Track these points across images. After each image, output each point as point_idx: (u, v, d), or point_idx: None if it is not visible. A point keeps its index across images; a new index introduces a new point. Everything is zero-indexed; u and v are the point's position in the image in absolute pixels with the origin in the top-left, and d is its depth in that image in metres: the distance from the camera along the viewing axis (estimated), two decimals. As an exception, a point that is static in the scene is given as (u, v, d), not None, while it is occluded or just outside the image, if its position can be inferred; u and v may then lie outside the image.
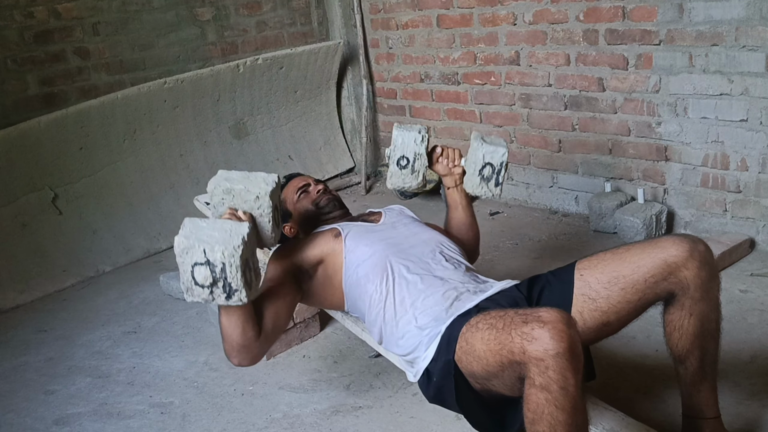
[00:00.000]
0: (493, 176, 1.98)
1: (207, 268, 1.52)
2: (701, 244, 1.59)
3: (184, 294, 1.57)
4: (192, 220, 1.59)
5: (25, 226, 3.30)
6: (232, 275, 1.52)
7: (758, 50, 2.68)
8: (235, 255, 1.52)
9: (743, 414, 1.88)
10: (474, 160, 1.99)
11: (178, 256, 1.54)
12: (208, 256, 1.52)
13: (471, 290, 1.72)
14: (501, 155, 1.97)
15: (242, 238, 1.54)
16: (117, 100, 3.51)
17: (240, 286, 1.54)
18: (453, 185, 2.07)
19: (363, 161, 4.36)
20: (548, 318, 1.30)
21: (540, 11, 3.39)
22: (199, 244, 1.52)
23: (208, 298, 1.55)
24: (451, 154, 2.04)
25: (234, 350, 1.66)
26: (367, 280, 1.78)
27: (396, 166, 2.00)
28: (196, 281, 1.54)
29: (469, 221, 2.11)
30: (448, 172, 2.05)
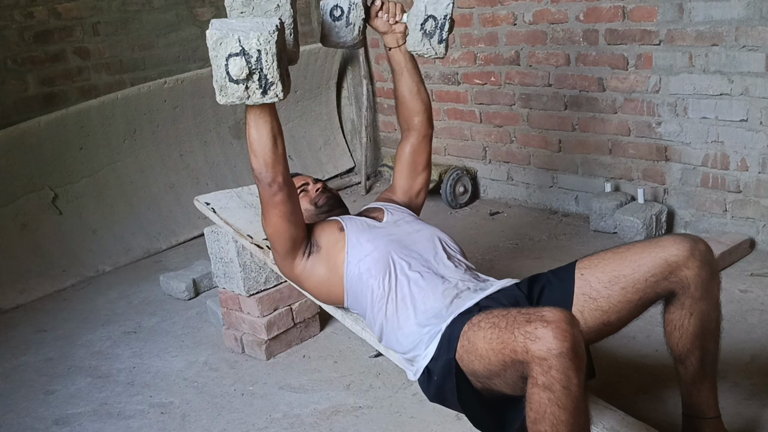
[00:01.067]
0: (436, 31, 1.84)
1: (242, 59, 1.47)
2: (702, 243, 1.59)
3: (216, 96, 1.52)
4: (219, 20, 1.54)
5: (25, 226, 3.30)
6: (268, 65, 1.48)
7: (758, 50, 2.68)
8: (270, 41, 1.47)
9: (743, 414, 1.88)
10: (415, 13, 1.84)
11: (211, 50, 1.49)
12: (243, 44, 1.47)
13: (471, 288, 1.72)
14: (445, 6, 1.83)
15: (275, 25, 1.50)
16: (117, 100, 3.51)
17: (276, 78, 1.50)
18: (395, 44, 1.98)
19: (363, 161, 4.36)
20: (552, 317, 1.30)
21: (540, 11, 3.39)
22: (233, 33, 1.47)
23: (243, 95, 1.51)
24: (391, 8, 1.93)
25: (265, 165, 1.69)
26: (370, 276, 1.78)
27: (329, 16, 1.84)
28: (230, 76, 1.49)
29: (417, 86, 2.02)
30: (389, 29, 1.95)
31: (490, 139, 3.83)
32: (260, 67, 1.48)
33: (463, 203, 3.84)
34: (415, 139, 2.09)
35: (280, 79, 1.51)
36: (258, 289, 2.42)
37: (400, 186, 2.13)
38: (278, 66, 1.49)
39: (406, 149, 2.10)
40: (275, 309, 2.45)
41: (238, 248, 2.35)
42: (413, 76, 2.03)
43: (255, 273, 2.40)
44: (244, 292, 2.40)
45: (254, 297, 2.41)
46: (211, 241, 2.46)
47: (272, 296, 2.44)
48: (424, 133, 2.09)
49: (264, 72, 1.49)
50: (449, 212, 3.78)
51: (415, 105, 2.05)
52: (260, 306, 2.41)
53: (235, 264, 2.37)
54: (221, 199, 2.48)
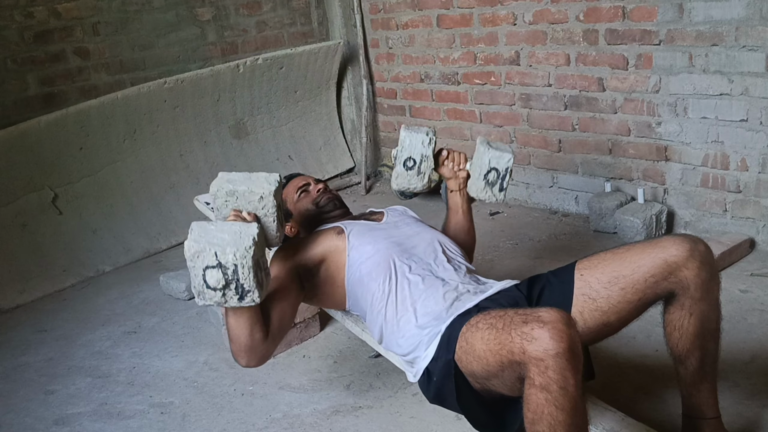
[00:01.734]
0: (497, 181, 1.99)
1: (219, 271, 1.51)
2: (701, 244, 1.59)
3: (195, 298, 1.56)
4: (199, 224, 1.58)
5: (25, 226, 3.30)
6: (244, 276, 1.52)
7: (758, 50, 2.68)
8: (246, 256, 1.51)
9: (743, 414, 1.88)
10: (479, 165, 2.00)
11: (189, 261, 1.53)
12: (219, 259, 1.51)
13: (471, 291, 1.72)
14: (507, 161, 1.98)
15: (253, 238, 1.53)
16: (117, 100, 3.51)
17: (253, 287, 1.53)
18: (456, 189, 2.08)
19: (363, 161, 4.36)
20: (548, 318, 1.30)
21: (540, 11, 3.39)
22: (210, 247, 1.51)
23: (221, 300, 1.55)
24: (456, 157, 2.05)
25: (242, 351, 1.66)
26: (370, 278, 1.78)
27: (402, 167, 2.01)
28: (208, 285, 1.53)
29: (468, 226, 2.12)
30: (453, 176, 2.06)
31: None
32: (236, 278, 1.52)
33: (463, 203, 3.84)
34: None
35: (257, 287, 1.54)
36: (258, 290, 2.41)
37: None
38: (255, 276, 1.53)
39: None
40: (275, 309, 2.45)
41: (237, 248, 2.34)
42: (467, 217, 2.12)
43: (255, 273, 2.40)
44: (244, 293, 2.39)
45: (254, 297, 2.40)
46: (210, 242, 2.45)
47: (272, 296, 2.44)
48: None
49: (240, 282, 1.53)
50: (449, 212, 3.77)
51: (463, 242, 2.10)
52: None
53: (235, 264, 2.36)
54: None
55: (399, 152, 2.01)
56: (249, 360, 1.68)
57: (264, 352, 1.69)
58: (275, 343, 1.72)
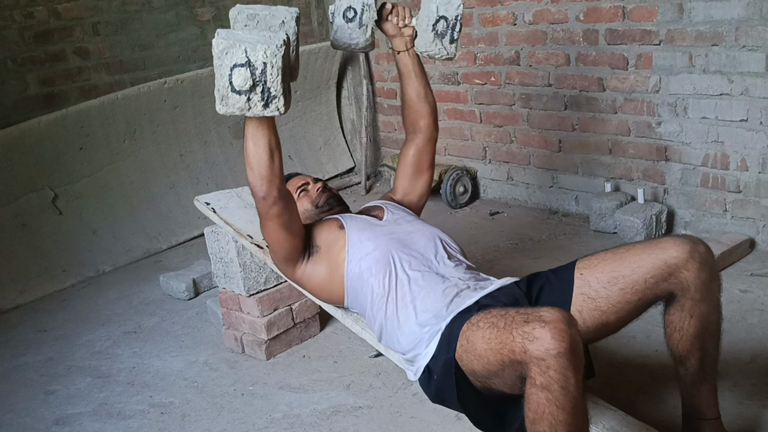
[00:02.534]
0: (447, 31, 1.87)
1: (247, 70, 1.47)
2: (701, 245, 1.59)
3: (216, 105, 1.52)
4: (226, 30, 1.53)
5: (25, 226, 3.30)
6: (272, 78, 1.48)
7: (758, 50, 2.68)
8: (277, 55, 1.47)
9: (743, 414, 1.88)
10: (427, 14, 1.87)
11: (216, 59, 1.49)
12: (249, 56, 1.46)
13: (471, 287, 1.72)
14: (456, 7, 1.87)
15: (283, 40, 1.50)
16: (117, 100, 3.51)
17: (279, 92, 1.49)
18: (403, 48, 1.99)
19: (363, 161, 4.36)
20: (549, 317, 1.30)
21: (540, 11, 3.39)
22: (240, 44, 1.47)
23: (244, 106, 1.50)
24: (401, 11, 1.95)
25: (262, 179, 1.67)
26: (370, 274, 1.78)
27: (342, 18, 1.87)
28: (233, 87, 1.49)
29: (425, 90, 2.04)
30: (398, 33, 1.97)
31: (490, 139, 3.83)
32: (264, 79, 1.48)
33: (463, 203, 3.84)
34: (421, 142, 2.10)
35: (283, 94, 1.50)
36: (258, 289, 2.42)
37: (402, 187, 2.14)
38: (282, 80, 1.49)
39: (410, 151, 2.11)
40: (275, 309, 2.46)
41: (238, 248, 2.35)
42: (421, 80, 2.04)
43: (255, 273, 2.40)
44: (244, 292, 2.40)
45: (254, 297, 2.41)
46: (211, 241, 2.46)
47: (272, 296, 2.44)
48: (429, 136, 2.10)
49: (267, 85, 1.48)
50: (449, 212, 3.78)
51: (422, 108, 2.06)
52: (260, 306, 2.41)
53: (235, 264, 2.37)
54: (221, 199, 2.48)
55: (338, 2, 1.87)
56: (270, 187, 1.69)
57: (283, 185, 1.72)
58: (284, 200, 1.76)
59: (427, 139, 2.09)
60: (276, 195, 1.73)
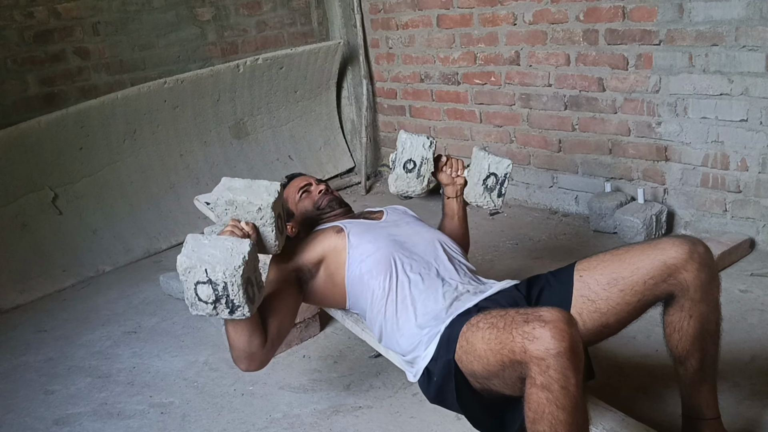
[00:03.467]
0: (496, 187, 2.02)
1: (209, 287, 1.55)
2: (701, 245, 1.59)
3: (189, 308, 1.60)
4: (194, 237, 1.61)
5: (25, 226, 3.30)
6: (234, 293, 1.55)
7: (758, 50, 2.68)
8: (236, 275, 1.54)
9: (743, 414, 1.88)
10: (478, 170, 2.01)
11: (181, 275, 1.57)
12: (210, 276, 1.54)
13: (471, 291, 1.72)
14: (506, 166, 2.01)
15: (243, 257, 1.56)
16: (117, 100, 3.51)
17: (242, 303, 1.57)
18: (453, 195, 2.10)
19: (363, 161, 4.36)
20: (549, 317, 1.30)
21: (540, 11, 3.39)
22: (201, 264, 1.55)
23: (212, 312, 1.59)
24: (455, 164, 2.07)
25: (241, 358, 1.69)
26: (371, 276, 1.79)
27: (402, 169, 2.03)
28: (199, 298, 1.57)
29: (463, 232, 2.14)
30: (451, 182, 2.08)
31: (490, 139, 3.83)
32: (226, 294, 1.55)
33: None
34: None
35: (247, 302, 1.57)
36: (258, 290, 2.41)
37: None
38: (245, 292, 1.56)
39: None
40: (275, 309, 2.45)
41: (238, 248, 2.34)
42: (462, 224, 2.14)
43: (255, 273, 2.40)
44: (244, 293, 2.39)
45: (254, 297, 2.40)
46: (211, 242, 2.45)
47: (272, 296, 2.44)
48: None
49: (231, 298, 1.56)
50: (449, 212, 3.77)
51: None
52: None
53: (235, 264, 2.36)
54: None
55: (399, 154, 2.02)
56: (249, 365, 1.71)
57: (263, 358, 1.72)
58: (274, 348, 1.75)
59: None
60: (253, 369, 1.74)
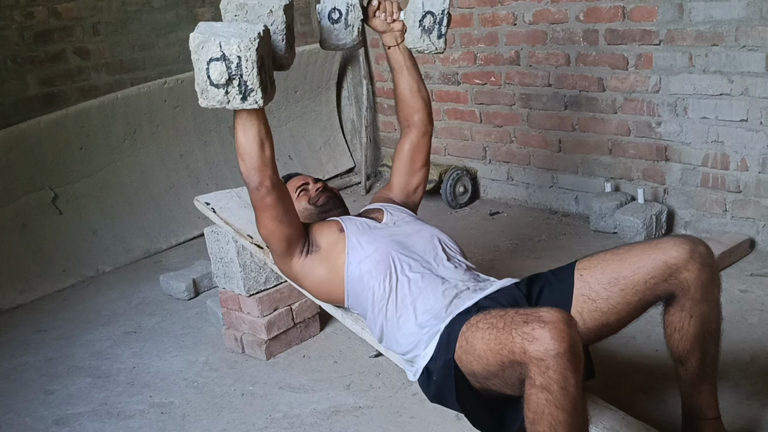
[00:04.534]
0: (435, 26, 1.88)
1: (222, 64, 1.48)
2: (702, 245, 1.59)
3: (198, 98, 1.53)
4: (206, 22, 1.55)
5: (25, 226, 3.30)
6: (247, 71, 1.49)
7: (758, 50, 2.68)
8: (251, 48, 1.47)
9: (743, 414, 1.88)
10: (413, 10, 1.88)
11: (193, 53, 1.50)
12: (223, 50, 1.48)
13: (471, 288, 1.72)
14: (442, 2, 1.87)
15: (258, 32, 1.50)
16: (117, 100, 3.51)
17: (255, 85, 1.50)
18: (393, 43, 2.01)
19: (363, 161, 4.36)
20: (549, 318, 1.30)
21: (540, 11, 3.39)
22: (215, 38, 1.49)
23: (223, 99, 1.52)
24: (388, 7, 1.97)
25: (253, 168, 1.68)
26: (371, 277, 1.79)
27: (327, 20, 1.88)
28: (211, 80, 1.50)
29: (417, 84, 2.06)
30: (387, 28, 1.99)
31: (490, 139, 3.83)
32: (240, 73, 1.49)
33: (463, 203, 3.84)
34: (415, 136, 2.10)
35: (261, 86, 1.51)
36: (258, 289, 2.42)
37: (398, 183, 2.14)
38: (258, 73, 1.50)
39: (405, 146, 2.11)
40: (275, 309, 2.46)
41: (238, 248, 2.35)
42: (413, 74, 2.05)
43: (255, 273, 2.40)
44: (244, 292, 2.40)
45: (254, 297, 2.41)
46: (211, 241, 2.46)
47: (272, 296, 2.44)
48: (423, 131, 2.10)
49: (243, 78, 1.50)
50: (449, 212, 3.78)
51: (415, 102, 2.07)
52: (260, 306, 2.41)
53: (235, 264, 2.37)
54: (221, 199, 2.49)
55: (322, 4, 1.87)
56: (261, 177, 1.69)
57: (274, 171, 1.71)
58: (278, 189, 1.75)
59: (421, 133, 2.09)
60: (269, 185, 1.73)
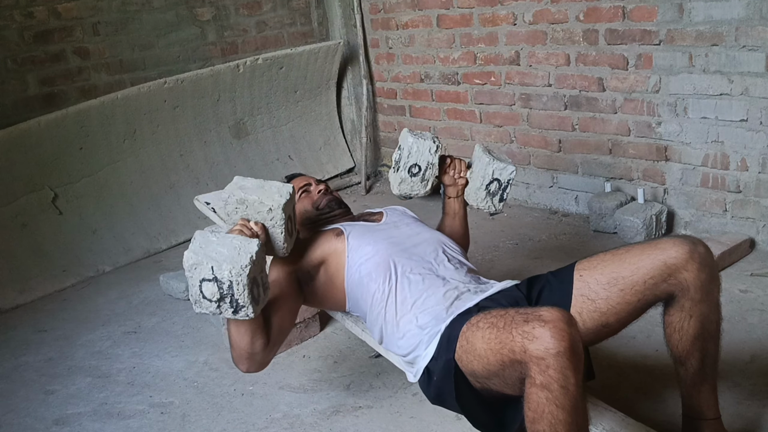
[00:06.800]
0: (498, 192, 2.04)
1: (215, 285, 1.54)
2: (701, 245, 1.59)
3: (192, 305, 1.59)
4: (202, 234, 1.61)
5: (25, 226, 3.30)
6: (239, 293, 1.54)
7: (758, 50, 2.68)
8: (242, 274, 1.53)
9: (743, 414, 1.88)
10: (482, 175, 2.02)
11: (187, 271, 1.56)
12: (215, 274, 1.54)
13: (472, 290, 1.72)
14: (509, 173, 2.02)
15: (250, 257, 1.56)
16: (117, 100, 3.51)
17: (247, 303, 1.56)
18: (455, 195, 2.11)
19: (363, 161, 4.36)
20: (549, 317, 1.30)
21: (540, 11, 3.39)
22: (208, 261, 1.54)
23: (216, 311, 1.58)
24: (458, 165, 2.08)
25: (242, 359, 1.70)
26: (370, 279, 1.78)
27: (407, 173, 2.03)
28: (204, 295, 1.56)
29: (464, 231, 2.15)
30: (453, 183, 2.09)
31: (490, 139, 3.83)
32: (231, 293, 1.55)
33: (463, 203, 3.84)
34: None
35: (252, 302, 1.56)
36: (258, 290, 2.41)
37: None
38: (250, 293, 1.55)
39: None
40: (275, 309, 2.45)
41: (238, 248, 2.35)
42: (463, 223, 2.15)
43: (255, 273, 2.40)
44: (244, 293, 2.39)
45: (254, 297, 2.40)
46: (211, 242, 2.45)
47: (272, 296, 2.44)
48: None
49: (235, 297, 1.55)
50: (449, 212, 3.77)
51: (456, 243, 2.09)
52: (260, 306, 2.41)
53: (235, 264, 2.36)
54: (221, 199, 2.48)
55: (404, 158, 2.02)
56: (249, 366, 1.72)
57: (264, 359, 1.73)
58: (275, 349, 1.75)
59: None
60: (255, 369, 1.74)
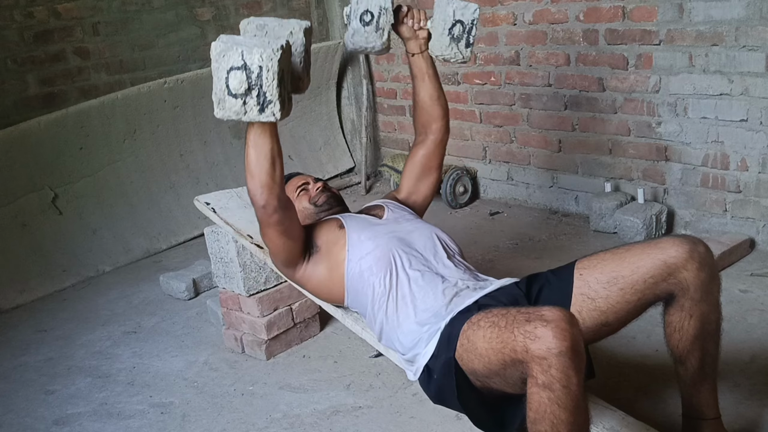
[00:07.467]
0: (463, 36, 1.88)
1: (243, 73, 1.47)
2: (701, 245, 1.59)
3: (214, 109, 1.52)
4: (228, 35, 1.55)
5: (25, 226, 3.30)
6: (267, 82, 1.47)
7: (758, 50, 2.68)
8: (273, 59, 1.46)
9: (743, 414, 1.88)
10: (443, 18, 1.88)
11: (214, 62, 1.49)
12: (245, 59, 1.46)
13: (471, 287, 1.72)
14: (472, 12, 1.88)
15: (281, 44, 1.49)
16: (117, 100, 3.51)
17: (274, 97, 1.49)
18: (418, 51, 2.01)
19: (363, 161, 4.36)
20: (551, 317, 1.30)
21: (540, 11, 3.39)
22: (237, 47, 1.47)
23: (240, 110, 1.51)
24: (416, 14, 1.97)
25: (261, 187, 1.67)
26: (371, 273, 1.79)
27: (359, 21, 1.88)
28: (229, 90, 1.49)
29: (437, 92, 2.06)
30: (413, 35, 1.99)
31: (490, 139, 3.83)
32: (260, 83, 1.48)
33: (463, 203, 3.84)
34: (431, 144, 2.11)
35: (279, 99, 1.50)
36: (258, 289, 2.42)
37: (408, 187, 2.15)
38: (278, 85, 1.49)
39: (419, 152, 2.12)
40: (275, 309, 2.46)
41: (238, 248, 2.35)
42: (434, 82, 2.05)
43: (255, 273, 2.40)
44: (244, 292, 2.40)
45: (254, 297, 2.41)
46: (211, 241, 2.46)
47: (272, 296, 2.44)
48: (440, 139, 2.11)
49: (263, 89, 1.48)
50: (449, 212, 3.78)
51: (435, 110, 2.07)
52: (260, 306, 2.41)
53: (235, 264, 2.37)
54: (221, 199, 2.49)
55: (354, 5, 1.88)
56: (268, 197, 1.69)
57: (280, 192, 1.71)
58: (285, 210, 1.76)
59: (437, 141, 2.10)
60: (276, 204, 1.73)
